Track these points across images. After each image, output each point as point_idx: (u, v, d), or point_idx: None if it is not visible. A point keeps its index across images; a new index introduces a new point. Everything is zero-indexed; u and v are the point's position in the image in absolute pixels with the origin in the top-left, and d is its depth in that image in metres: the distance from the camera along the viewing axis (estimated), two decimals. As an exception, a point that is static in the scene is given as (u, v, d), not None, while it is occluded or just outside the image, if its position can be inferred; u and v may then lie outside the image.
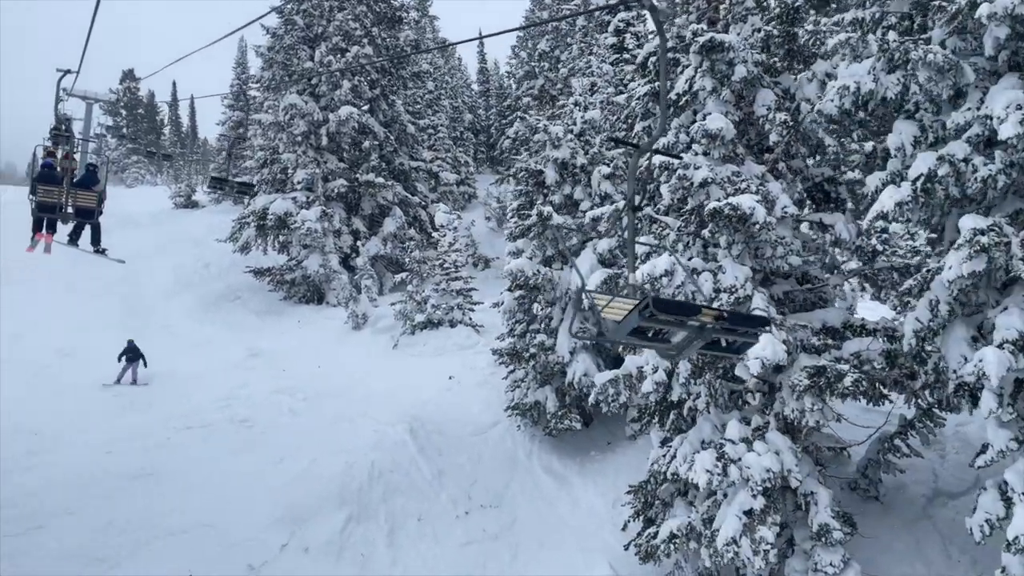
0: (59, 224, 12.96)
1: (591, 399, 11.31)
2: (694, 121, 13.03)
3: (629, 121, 14.28)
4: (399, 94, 33.85)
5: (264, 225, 29.22)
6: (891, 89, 10.37)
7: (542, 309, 15.89)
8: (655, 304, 4.45)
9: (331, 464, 14.82)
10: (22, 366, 21.54)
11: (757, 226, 9.98)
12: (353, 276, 28.72)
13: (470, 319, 23.35)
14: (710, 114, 11.64)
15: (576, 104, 17.46)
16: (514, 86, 56.10)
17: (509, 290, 16.46)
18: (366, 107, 31.17)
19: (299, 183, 29.61)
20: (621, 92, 19.45)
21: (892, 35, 10.74)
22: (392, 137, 32.55)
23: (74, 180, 12.76)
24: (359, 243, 30.04)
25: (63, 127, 13.03)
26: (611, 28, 25.98)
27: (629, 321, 4.66)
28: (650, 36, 26.67)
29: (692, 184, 10.82)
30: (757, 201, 10.10)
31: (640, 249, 11.54)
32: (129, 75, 69.44)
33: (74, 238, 13.06)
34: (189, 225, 39.57)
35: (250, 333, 25.88)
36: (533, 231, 16.15)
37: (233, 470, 15.25)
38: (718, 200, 10.59)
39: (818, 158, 12.29)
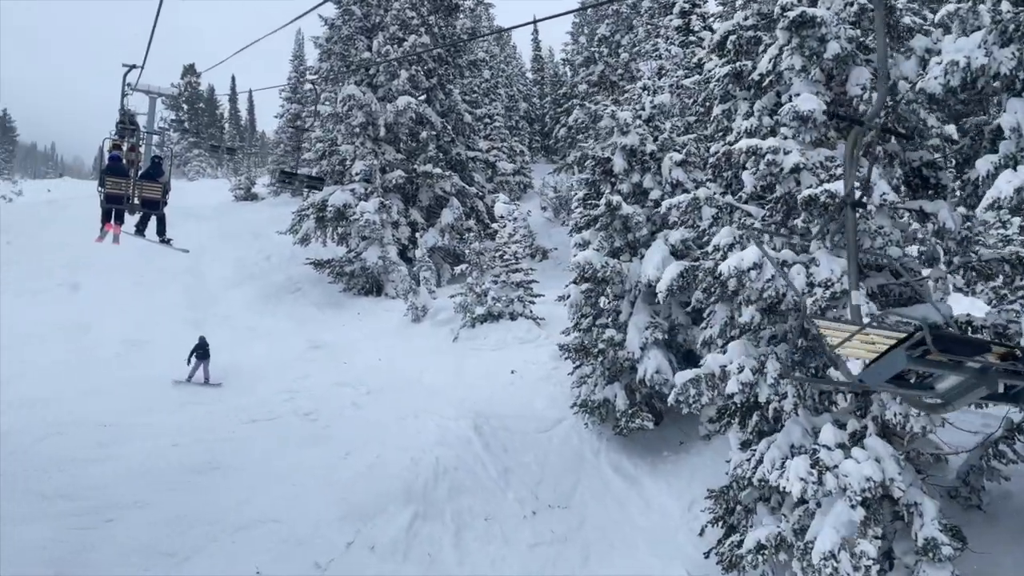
0: (126, 215, 13.12)
1: (670, 399, 10.72)
2: (778, 103, 12.27)
3: (707, 104, 13.55)
4: (456, 83, 33.48)
5: (323, 217, 29.25)
6: (1005, 64, 9.48)
7: (609, 302, 15.30)
8: (935, 341, 3.23)
9: (396, 460, 14.55)
10: (91, 357, 21.96)
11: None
12: (412, 268, 28.55)
13: (531, 312, 22.88)
14: (798, 95, 10.87)
15: (644, 88, 16.73)
16: (570, 73, 55.27)
17: (575, 283, 15.90)
18: (423, 97, 30.88)
19: (357, 174, 29.53)
20: (689, 75, 18.68)
21: (1005, 5, 9.82)
22: (449, 127, 32.22)
23: (140, 172, 13.01)
24: (417, 234, 29.85)
25: (128, 121, 13.18)
26: (676, 10, 25.07)
27: (891, 362, 3.45)
28: (711, 20, 25.62)
29: (782, 170, 10.09)
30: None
31: (723, 240, 10.86)
32: (190, 70, 70.82)
33: (140, 228, 13.28)
34: (249, 217, 40.04)
35: (311, 325, 25.89)
36: (600, 221, 15.55)
37: (298, 464, 15.12)
38: (810, 187, 9.84)
39: (917, 141, 11.38)
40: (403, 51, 30.31)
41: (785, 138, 10.46)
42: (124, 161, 12.95)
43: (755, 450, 10.80)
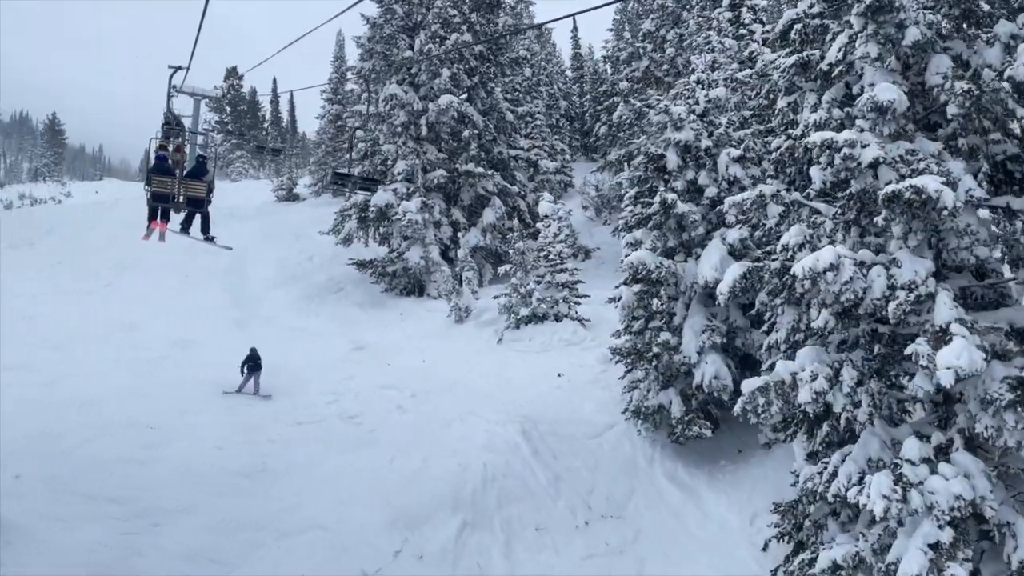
0: (172, 213, 13.23)
1: (736, 408, 10.13)
2: (847, 95, 11.62)
3: (770, 96, 12.91)
4: (497, 81, 33.11)
5: (366, 217, 29.15)
6: (1106, 47, 8.73)
7: (663, 304, 14.73)
8: None
9: (443, 465, 14.19)
10: (138, 357, 22.05)
11: (945, 211, 8.54)
12: (454, 268, 28.26)
13: (576, 313, 22.36)
14: (872, 84, 10.20)
15: (698, 82, 16.13)
16: (610, 70, 54.57)
17: (626, 283, 15.34)
18: (464, 96, 30.58)
19: (399, 174, 29.33)
20: (743, 68, 17.98)
21: (1105, -17, 9.07)
22: (491, 125, 31.85)
23: (185, 171, 13.19)
24: (459, 234, 29.55)
25: (174, 122, 13.34)
26: (725, 2, 24.33)
27: None
28: (761, 12, 24.80)
29: (859, 165, 9.44)
30: (942, 183, 8.66)
31: (793, 240, 10.24)
32: (232, 72, 71.64)
33: (186, 226, 13.43)
34: (291, 218, 40.30)
35: (353, 326, 25.76)
36: (653, 220, 15.00)
37: (344, 468, 14.86)
38: (890, 182, 9.18)
39: (999, 135, 10.61)
40: (445, 50, 30.06)
41: (861, 130, 9.80)
42: (170, 161, 13.09)
43: (827, 463, 10.17)
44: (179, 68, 12.88)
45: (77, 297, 27.55)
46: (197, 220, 13.45)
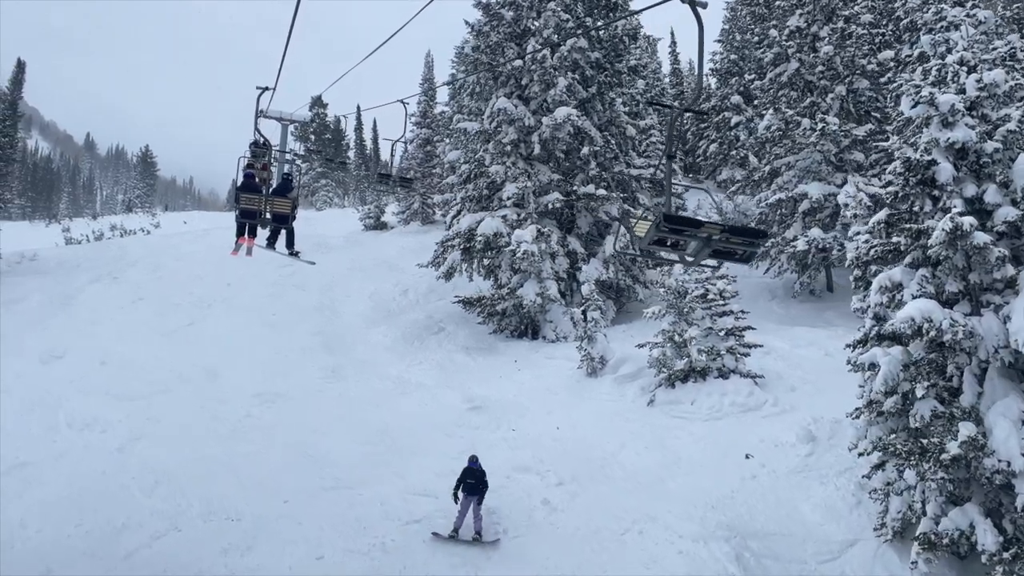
0: (259, 230, 13.37)
1: None
2: None
3: None
4: (616, 92, 29.07)
5: (471, 248, 25.43)
6: None
7: (945, 377, 10.18)
8: None
9: (631, 609, 9.97)
10: (218, 414, 18.81)
11: None
12: (570, 306, 24.15)
13: (746, 368, 17.83)
14: None
15: (962, 63, 11.64)
16: (715, 84, 50.03)
17: (880, 343, 10.85)
18: (579, 108, 26.63)
19: (508, 199, 25.52)
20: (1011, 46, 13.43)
21: None
22: (612, 141, 27.78)
23: (271, 189, 13.33)
24: (579, 266, 25.47)
25: (261, 141, 13.48)
26: (920, -19, 19.75)
27: None
28: None
29: None
30: None
31: None
32: (317, 101, 70.35)
33: (271, 242, 13.66)
34: (381, 247, 37.32)
35: (462, 375, 21.92)
36: (915, 254, 10.54)
37: (481, 596, 10.88)
38: None
39: None
40: (559, 57, 26.33)
41: None
42: (257, 179, 13.04)
43: None
44: (266, 89, 13.00)
45: (156, 338, 24.69)
46: (282, 236, 13.58)
